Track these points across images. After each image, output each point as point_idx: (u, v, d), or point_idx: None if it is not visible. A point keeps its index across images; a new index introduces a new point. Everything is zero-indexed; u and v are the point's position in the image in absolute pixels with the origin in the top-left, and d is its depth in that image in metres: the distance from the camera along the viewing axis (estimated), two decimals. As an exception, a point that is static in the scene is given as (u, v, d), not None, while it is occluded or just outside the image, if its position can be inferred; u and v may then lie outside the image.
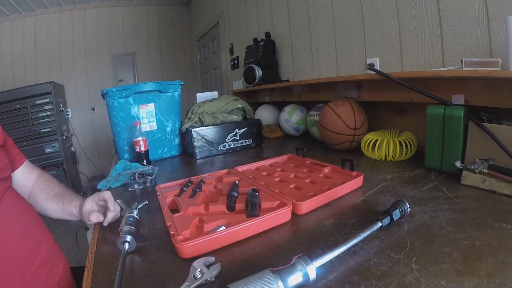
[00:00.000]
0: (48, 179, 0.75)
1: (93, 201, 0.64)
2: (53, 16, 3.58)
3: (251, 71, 1.83)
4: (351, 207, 0.60)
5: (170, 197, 0.69)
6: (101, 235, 0.58)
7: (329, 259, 0.39)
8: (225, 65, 3.04)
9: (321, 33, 1.48)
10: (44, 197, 0.70)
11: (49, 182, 0.74)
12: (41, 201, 0.70)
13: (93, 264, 0.48)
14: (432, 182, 0.70)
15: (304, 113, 1.48)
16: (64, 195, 0.71)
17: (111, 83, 3.88)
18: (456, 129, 0.70)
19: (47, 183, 0.73)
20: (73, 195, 0.72)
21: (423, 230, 0.48)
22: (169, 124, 1.26)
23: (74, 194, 0.73)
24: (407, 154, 0.91)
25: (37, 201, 0.70)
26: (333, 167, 0.80)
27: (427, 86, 0.85)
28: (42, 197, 0.70)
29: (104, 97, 1.14)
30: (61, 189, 0.74)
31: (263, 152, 1.25)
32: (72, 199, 0.70)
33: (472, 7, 0.81)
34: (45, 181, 0.73)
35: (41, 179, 0.73)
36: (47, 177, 0.75)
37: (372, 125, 1.13)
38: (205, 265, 0.42)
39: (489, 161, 0.63)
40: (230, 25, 2.76)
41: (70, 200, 0.69)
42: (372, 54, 1.19)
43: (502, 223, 0.47)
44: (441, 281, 0.35)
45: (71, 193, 0.74)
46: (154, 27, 4.18)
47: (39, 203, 0.70)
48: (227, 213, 0.59)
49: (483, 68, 0.69)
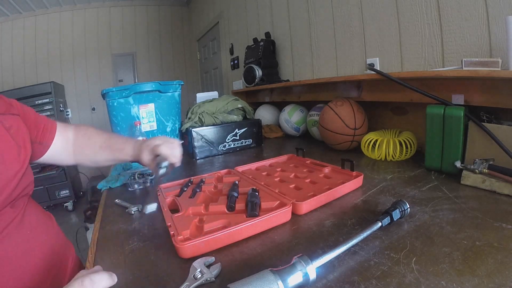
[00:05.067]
0: (86, 133, 0.74)
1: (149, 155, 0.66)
2: (53, 16, 3.58)
3: (251, 71, 1.83)
4: (351, 207, 0.60)
5: (170, 197, 0.69)
6: (101, 235, 0.58)
7: (329, 259, 0.39)
8: (225, 65, 3.04)
9: (321, 33, 1.48)
10: (91, 152, 0.71)
11: (89, 136, 0.73)
12: (89, 156, 0.71)
13: (93, 264, 0.48)
14: (432, 182, 0.70)
15: (304, 113, 1.48)
16: (110, 145, 0.72)
17: (111, 83, 3.88)
18: (456, 129, 0.70)
19: (87, 137, 0.73)
20: (120, 143, 0.73)
21: (423, 230, 0.48)
22: (169, 124, 1.26)
23: (120, 141, 0.74)
24: (407, 154, 0.91)
25: (85, 158, 0.71)
26: (333, 167, 0.80)
27: (427, 86, 0.85)
28: (89, 153, 0.71)
29: (104, 97, 1.14)
30: (103, 138, 0.73)
31: (263, 152, 1.25)
32: (121, 148, 0.71)
33: (472, 7, 0.81)
34: (84, 135, 0.73)
35: (79, 134, 0.72)
36: (82, 131, 0.74)
37: (372, 125, 1.13)
38: (205, 265, 0.42)
39: (489, 161, 0.63)
40: (230, 25, 2.76)
41: (120, 149, 0.71)
42: (372, 54, 1.19)
43: (502, 223, 0.47)
44: (441, 281, 0.35)
45: (116, 140, 0.74)
46: (154, 27, 4.18)
47: (88, 158, 0.72)
48: (227, 213, 0.59)
49: (483, 68, 0.69)
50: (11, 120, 0.56)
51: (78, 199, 3.38)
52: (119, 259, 0.48)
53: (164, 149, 0.64)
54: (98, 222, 0.64)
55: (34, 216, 0.56)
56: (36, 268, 0.49)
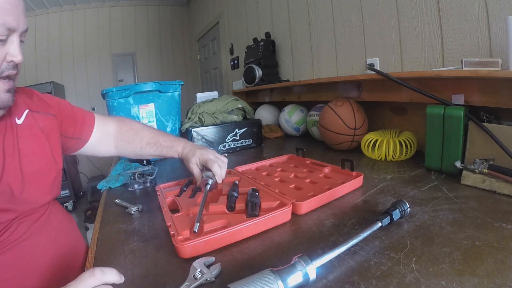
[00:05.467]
0: (131, 127, 0.75)
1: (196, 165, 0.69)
2: (53, 16, 3.58)
3: (251, 71, 1.83)
4: (351, 207, 0.60)
5: (170, 197, 0.69)
6: (101, 235, 0.58)
7: (329, 259, 0.39)
8: (225, 65, 3.04)
9: (321, 33, 1.48)
10: (137, 147, 0.73)
11: (135, 131, 0.75)
12: (133, 150, 0.73)
13: (93, 264, 0.48)
14: (432, 182, 0.70)
15: (304, 113, 1.48)
16: (158, 141, 0.73)
17: (111, 83, 3.88)
18: (456, 129, 0.70)
19: (133, 132, 0.74)
20: (169, 141, 0.74)
21: (423, 230, 0.48)
22: (169, 124, 1.26)
23: (169, 139, 0.75)
24: (407, 154, 0.91)
25: (129, 151, 0.73)
26: (333, 167, 0.80)
27: (427, 86, 0.85)
28: (135, 147, 0.73)
29: (104, 97, 1.14)
30: (152, 135, 0.75)
31: (263, 152, 1.25)
32: (170, 145, 0.73)
33: (472, 7, 0.81)
34: (130, 130, 0.74)
35: (123, 130, 0.74)
36: (127, 126, 0.75)
37: (372, 125, 1.13)
38: (205, 265, 0.42)
39: (489, 161, 0.63)
40: (230, 25, 2.76)
41: (168, 147, 0.73)
42: (372, 54, 1.19)
43: (502, 223, 0.47)
44: (441, 281, 0.35)
45: (165, 138, 0.75)
46: (154, 27, 4.18)
47: (133, 152, 0.73)
48: (227, 213, 0.59)
49: (483, 68, 0.68)
50: (46, 120, 0.58)
51: (78, 199, 3.37)
52: (119, 259, 0.48)
53: (217, 168, 0.65)
54: (98, 222, 0.64)
55: (59, 217, 0.58)
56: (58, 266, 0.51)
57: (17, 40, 0.45)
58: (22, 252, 0.47)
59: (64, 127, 0.63)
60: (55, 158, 0.56)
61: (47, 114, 0.59)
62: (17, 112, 0.53)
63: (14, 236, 0.47)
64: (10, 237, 0.47)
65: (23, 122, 0.53)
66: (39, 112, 0.57)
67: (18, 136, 0.50)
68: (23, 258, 0.47)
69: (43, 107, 0.59)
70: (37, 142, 0.54)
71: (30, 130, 0.53)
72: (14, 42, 0.45)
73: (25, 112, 0.54)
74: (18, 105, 0.52)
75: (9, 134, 0.49)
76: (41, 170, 0.53)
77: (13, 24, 0.43)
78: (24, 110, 0.54)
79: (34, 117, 0.55)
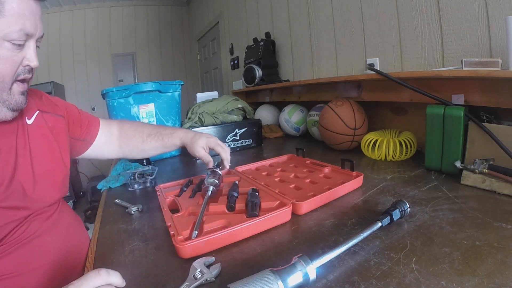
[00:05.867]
0: (132, 125, 0.77)
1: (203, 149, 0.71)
2: (53, 16, 3.58)
3: (251, 71, 1.83)
4: (351, 207, 0.60)
5: (170, 197, 0.69)
6: (101, 235, 0.58)
7: (329, 259, 0.39)
8: (225, 65, 3.04)
9: (321, 33, 1.48)
10: (139, 141, 0.74)
11: (135, 127, 0.76)
12: (136, 146, 0.74)
13: (93, 264, 0.48)
14: (432, 182, 0.70)
15: (304, 113, 1.48)
16: (159, 131, 0.75)
17: (111, 83, 3.88)
18: (456, 129, 0.70)
19: (133, 128, 0.76)
20: (170, 129, 0.77)
21: (423, 230, 0.48)
22: (169, 124, 1.26)
23: (169, 128, 0.77)
24: (407, 154, 0.91)
25: (131, 148, 0.74)
26: (333, 167, 0.80)
27: (427, 86, 0.85)
28: (137, 142, 0.74)
29: (104, 97, 1.15)
30: (152, 127, 0.77)
31: (263, 152, 1.25)
32: (171, 132, 0.75)
33: (472, 7, 0.81)
34: (131, 127, 0.76)
35: (124, 127, 0.75)
36: (128, 124, 0.77)
37: (372, 125, 1.13)
38: (205, 265, 0.42)
39: (489, 161, 0.63)
40: (230, 25, 2.76)
41: (169, 134, 0.75)
42: (372, 54, 1.19)
43: (502, 223, 0.47)
44: (441, 281, 0.35)
45: (165, 127, 0.78)
46: (154, 27, 4.18)
47: (134, 149, 0.74)
48: (227, 213, 0.59)
49: (483, 68, 0.68)
50: (55, 120, 0.59)
51: (78, 199, 3.38)
52: (119, 259, 0.48)
53: (224, 153, 0.70)
54: (98, 222, 0.64)
55: (68, 216, 0.59)
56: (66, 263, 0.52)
57: (34, 45, 0.47)
58: (34, 249, 0.48)
59: (72, 129, 0.64)
60: (63, 159, 0.57)
61: (56, 115, 0.60)
62: (28, 113, 0.53)
63: (27, 233, 0.48)
64: (23, 234, 0.48)
65: (33, 122, 0.54)
66: (48, 113, 0.58)
67: (29, 136, 0.51)
68: (35, 254, 0.48)
69: (52, 108, 0.60)
70: (47, 143, 0.54)
71: (40, 131, 0.54)
72: (31, 47, 0.46)
73: (36, 113, 0.55)
74: (28, 105, 0.53)
75: (20, 134, 0.50)
76: (51, 171, 0.54)
77: (31, 30, 0.44)
78: (35, 111, 0.55)
79: (44, 118, 0.56)
